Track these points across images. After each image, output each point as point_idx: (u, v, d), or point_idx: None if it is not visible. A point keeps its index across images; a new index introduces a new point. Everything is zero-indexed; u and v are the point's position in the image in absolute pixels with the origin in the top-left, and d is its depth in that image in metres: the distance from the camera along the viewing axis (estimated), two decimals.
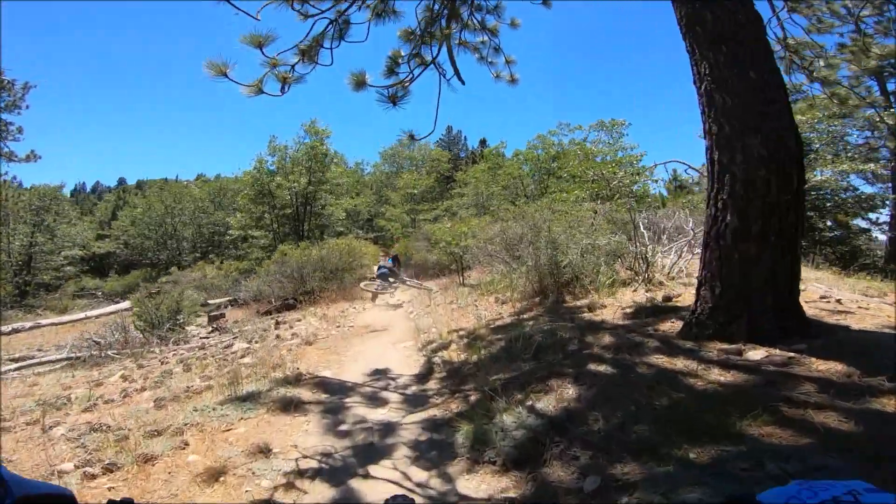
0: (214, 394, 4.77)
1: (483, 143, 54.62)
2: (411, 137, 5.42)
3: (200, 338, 10.27)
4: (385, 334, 7.26)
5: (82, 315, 18.37)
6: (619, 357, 3.98)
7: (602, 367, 3.81)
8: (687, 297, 5.68)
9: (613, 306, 5.79)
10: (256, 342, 8.16)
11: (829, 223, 14.41)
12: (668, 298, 5.66)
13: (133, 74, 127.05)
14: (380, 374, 5.42)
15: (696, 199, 12.79)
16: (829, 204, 13.93)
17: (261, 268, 13.75)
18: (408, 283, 13.70)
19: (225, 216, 28.98)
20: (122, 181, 72.87)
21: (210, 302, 18.35)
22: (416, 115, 5.64)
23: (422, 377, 5.11)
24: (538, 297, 7.02)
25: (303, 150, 21.01)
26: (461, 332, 6.16)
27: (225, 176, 38.29)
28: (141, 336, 9.80)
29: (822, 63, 6.35)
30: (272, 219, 20.70)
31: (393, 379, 5.21)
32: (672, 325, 4.59)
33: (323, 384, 5.10)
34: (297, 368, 5.60)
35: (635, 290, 6.58)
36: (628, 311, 5.46)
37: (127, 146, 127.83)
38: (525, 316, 6.26)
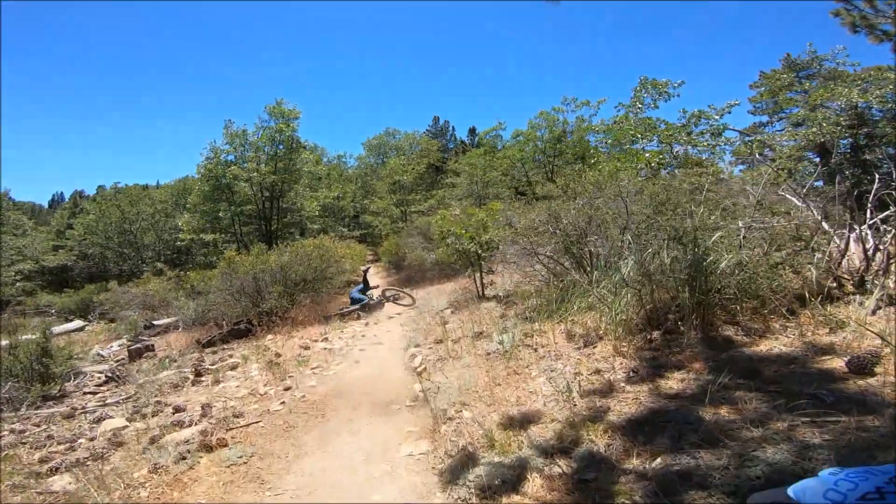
0: None
1: (472, 131, 51.30)
2: None
3: (85, 392, 6.71)
4: (370, 418, 3.76)
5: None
6: None
7: None
8: None
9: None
10: (142, 416, 4.67)
11: None
12: None
13: (111, 78, 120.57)
14: None
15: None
16: None
17: (200, 282, 10.19)
18: (391, 299, 10.25)
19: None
20: (101, 189, 67.15)
21: (156, 323, 14.71)
22: None
23: None
24: (655, 329, 3.62)
25: (265, 135, 17.19)
26: (535, 433, 2.71)
27: (192, 177, 34.28)
28: None
29: None
30: (230, 217, 16.79)
31: None
32: None
33: None
34: None
35: (874, 313, 3.24)
36: None
37: (109, 155, 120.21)
38: (676, 384, 2.84)
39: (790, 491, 0.55)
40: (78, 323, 20.53)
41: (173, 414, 4.52)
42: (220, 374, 5.75)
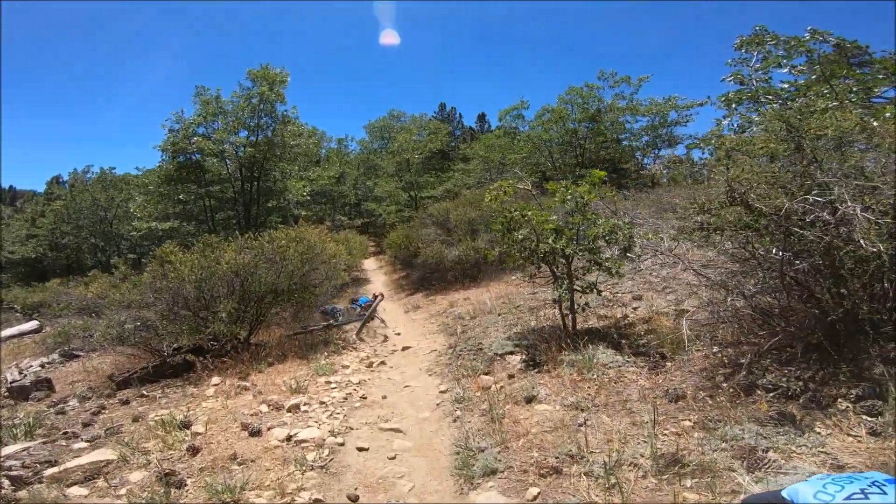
0: None
1: (482, 118, 47.90)
2: None
3: None
4: None
5: None
6: None
7: None
8: None
9: None
10: None
11: None
12: None
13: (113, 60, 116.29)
14: None
15: None
16: None
17: (117, 290, 7.02)
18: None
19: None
20: (73, 174, 63.80)
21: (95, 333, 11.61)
22: None
23: None
24: None
25: (244, 102, 13.89)
26: None
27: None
28: None
29: None
30: (193, 201, 13.53)
31: None
32: None
33: None
34: None
35: None
36: None
37: (113, 141, 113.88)
38: None
39: (784, 493, 0.58)
40: (34, 324, 17.48)
41: None
42: (57, 492, 2.64)
